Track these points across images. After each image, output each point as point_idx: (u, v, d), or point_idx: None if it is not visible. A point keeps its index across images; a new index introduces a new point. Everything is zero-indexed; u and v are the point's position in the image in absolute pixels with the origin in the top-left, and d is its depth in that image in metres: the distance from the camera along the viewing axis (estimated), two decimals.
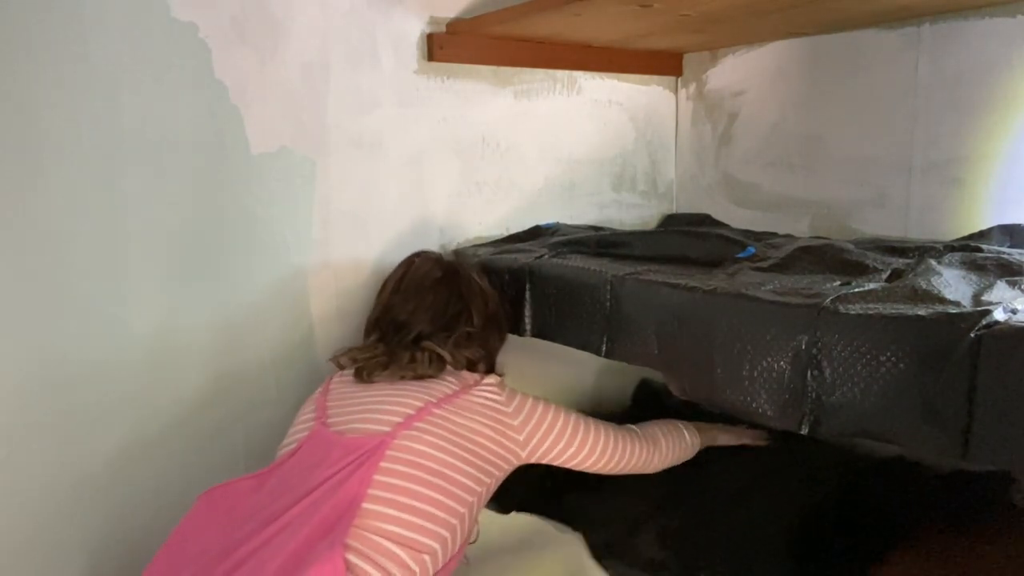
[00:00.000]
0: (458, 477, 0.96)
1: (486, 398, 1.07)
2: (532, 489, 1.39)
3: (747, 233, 1.49)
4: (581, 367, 1.73)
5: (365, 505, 0.88)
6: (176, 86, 1.15)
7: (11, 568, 1.09)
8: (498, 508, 1.43)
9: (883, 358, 0.78)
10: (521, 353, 1.59)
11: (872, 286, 0.91)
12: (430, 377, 1.09)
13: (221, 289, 1.24)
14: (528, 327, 1.27)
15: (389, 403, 1.02)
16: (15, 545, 1.09)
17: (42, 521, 1.11)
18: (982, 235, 1.26)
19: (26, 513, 1.10)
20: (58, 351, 1.10)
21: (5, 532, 1.08)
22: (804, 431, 0.84)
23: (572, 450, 1.12)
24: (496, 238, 1.55)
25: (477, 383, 1.09)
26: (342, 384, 1.11)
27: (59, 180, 1.07)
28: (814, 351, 0.83)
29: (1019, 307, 0.78)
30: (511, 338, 1.32)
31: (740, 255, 1.17)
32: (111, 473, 1.17)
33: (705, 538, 1.19)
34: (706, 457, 1.52)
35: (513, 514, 1.36)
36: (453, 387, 1.06)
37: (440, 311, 1.19)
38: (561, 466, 1.14)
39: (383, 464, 0.92)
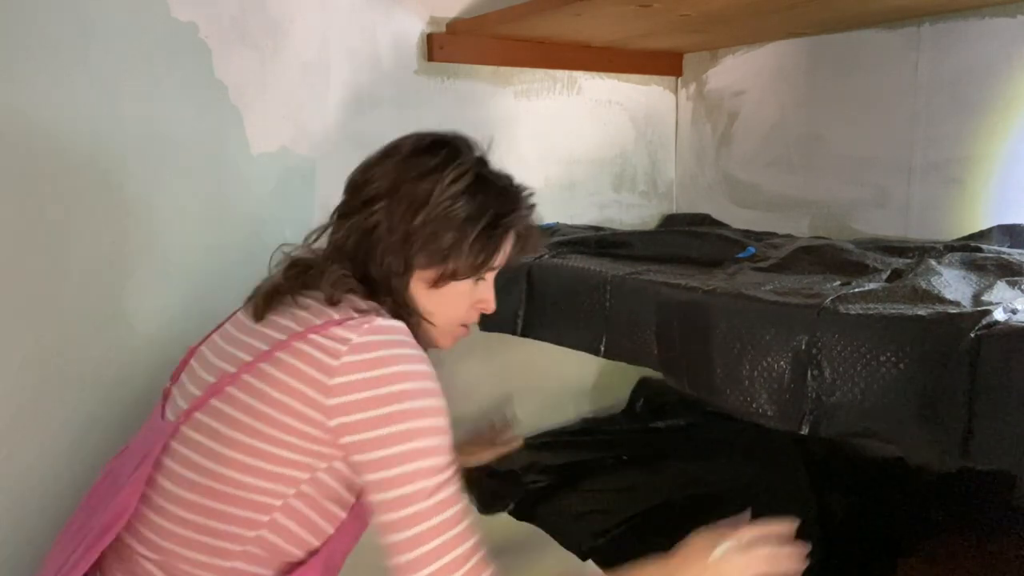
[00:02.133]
0: (249, 480, 0.74)
1: (321, 345, 0.74)
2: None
3: (747, 233, 1.49)
4: (580, 365, 1.73)
5: (131, 523, 0.76)
6: (176, 86, 1.15)
7: (12, 569, 1.09)
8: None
9: (883, 358, 0.78)
10: (519, 351, 1.59)
11: (872, 286, 0.91)
12: (280, 313, 0.81)
13: (221, 289, 1.24)
14: (527, 327, 1.27)
15: (209, 363, 0.83)
16: (15, 544, 1.09)
17: (42, 519, 1.11)
18: (982, 235, 1.25)
19: (27, 511, 1.10)
20: (59, 351, 1.10)
21: (5, 531, 1.08)
22: (804, 431, 0.84)
23: (391, 478, 0.72)
24: None
25: (339, 322, 0.76)
26: (231, 321, 0.90)
27: (59, 180, 1.07)
28: (814, 351, 0.83)
29: (1019, 307, 0.77)
30: (508, 338, 1.31)
31: (740, 255, 1.17)
32: None
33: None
34: (710, 452, 1.52)
35: (507, 517, 1.36)
36: (292, 329, 0.77)
37: (343, 207, 0.89)
38: (377, 513, 0.74)
39: (166, 461, 0.77)
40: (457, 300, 0.89)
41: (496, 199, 0.88)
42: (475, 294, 0.91)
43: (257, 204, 1.26)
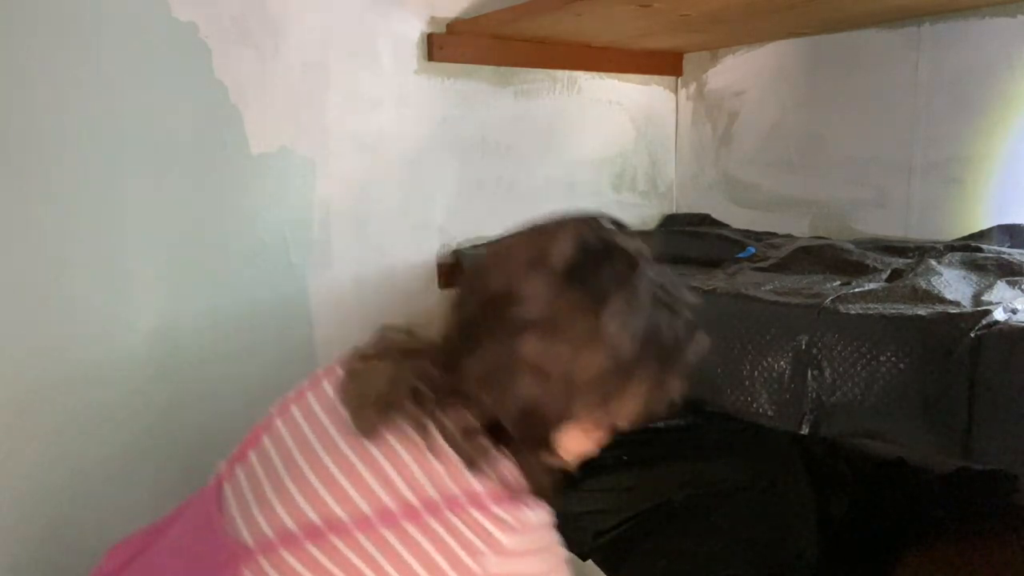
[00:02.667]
0: None
1: (460, 535, 0.61)
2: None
3: (747, 233, 1.49)
4: None
5: None
6: (176, 86, 1.15)
7: (11, 568, 1.09)
8: None
9: (883, 358, 0.78)
10: None
11: (872, 286, 0.91)
12: (401, 438, 0.65)
13: (221, 289, 1.24)
14: None
15: (305, 480, 0.65)
16: (15, 543, 1.09)
17: (42, 521, 1.11)
18: (982, 235, 1.26)
19: (26, 513, 1.10)
20: (59, 350, 1.10)
21: (5, 530, 1.08)
22: (804, 431, 0.84)
23: None
24: (496, 238, 1.55)
25: (483, 504, 0.62)
26: (318, 400, 0.73)
27: (60, 180, 1.07)
28: (814, 351, 0.83)
29: (1019, 307, 0.78)
30: None
31: (740, 255, 1.17)
32: (109, 472, 1.17)
33: (708, 549, 1.19)
34: (710, 452, 1.52)
35: None
36: (424, 491, 0.62)
37: (472, 318, 0.69)
38: None
39: None
40: (598, 436, 0.73)
41: (669, 328, 0.68)
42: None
43: (257, 204, 1.26)
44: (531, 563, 0.62)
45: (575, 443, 0.71)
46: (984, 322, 0.72)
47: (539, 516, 0.64)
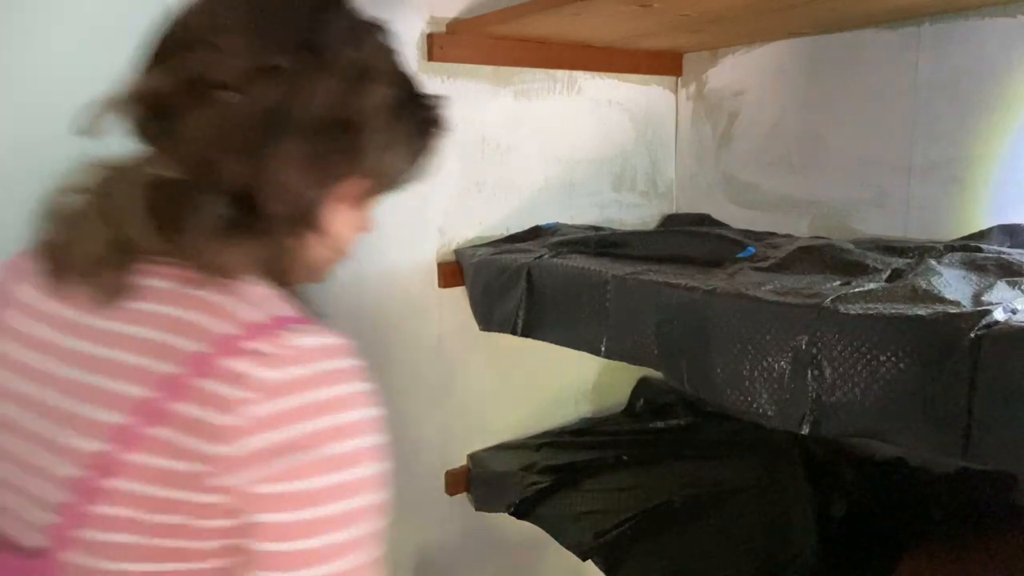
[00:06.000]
0: None
1: (204, 397, 0.49)
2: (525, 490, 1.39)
3: (747, 233, 1.49)
4: (580, 365, 1.73)
5: None
6: None
7: None
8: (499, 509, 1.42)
9: (883, 358, 0.78)
10: (519, 351, 1.59)
11: (872, 286, 0.91)
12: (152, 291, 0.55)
13: None
14: (527, 327, 1.27)
15: (79, 404, 0.54)
16: None
17: None
18: (982, 235, 1.25)
19: None
20: None
21: None
22: (804, 431, 0.84)
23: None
24: (496, 238, 1.55)
25: (231, 344, 0.50)
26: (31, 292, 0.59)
27: (56, 180, 1.07)
28: (814, 351, 0.83)
29: (1019, 307, 0.78)
30: (508, 338, 1.31)
31: (740, 255, 1.17)
32: None
33: (710, 546, 1.19)
34: (710, 452, 1.52)
35: (507, 517, 1.36)
36: (192, 345, 0.51)
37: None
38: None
39: None
40: (361, 210, 0.68)
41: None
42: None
43: None
44: (317, 394, 0.51)
45: (342, 222, 0.63)
46: (984, 322, 0.72)
47: (317, 339, 0.53)
